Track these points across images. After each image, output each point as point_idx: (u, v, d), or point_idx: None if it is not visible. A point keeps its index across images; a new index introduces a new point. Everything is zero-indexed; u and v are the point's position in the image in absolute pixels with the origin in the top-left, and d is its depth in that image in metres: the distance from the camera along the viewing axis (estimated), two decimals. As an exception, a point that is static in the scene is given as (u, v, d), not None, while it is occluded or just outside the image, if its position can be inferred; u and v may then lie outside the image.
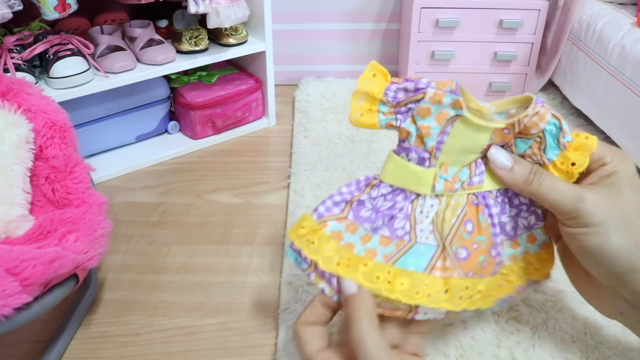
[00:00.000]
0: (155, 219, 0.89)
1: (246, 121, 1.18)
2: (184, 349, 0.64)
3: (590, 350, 0.60)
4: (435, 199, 0.48)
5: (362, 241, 0.48)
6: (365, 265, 0.46)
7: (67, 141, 0.69)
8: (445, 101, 0.45)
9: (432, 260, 0.48)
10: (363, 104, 0.48)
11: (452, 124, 0.46)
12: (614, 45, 1.03)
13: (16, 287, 0.49)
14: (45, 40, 0.92)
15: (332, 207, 0.48)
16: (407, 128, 0.46)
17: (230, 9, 0.99)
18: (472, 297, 0.47)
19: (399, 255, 0.47)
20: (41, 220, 0.64)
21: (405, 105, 0.47)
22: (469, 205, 0.48)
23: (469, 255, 0.47)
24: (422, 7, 1.17)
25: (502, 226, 0.50)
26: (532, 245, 0.51)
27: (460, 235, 0.47)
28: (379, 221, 0.48)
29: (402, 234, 0.48)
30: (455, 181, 0.47)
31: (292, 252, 0.50)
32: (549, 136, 0.46)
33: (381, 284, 0.46)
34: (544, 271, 0.52)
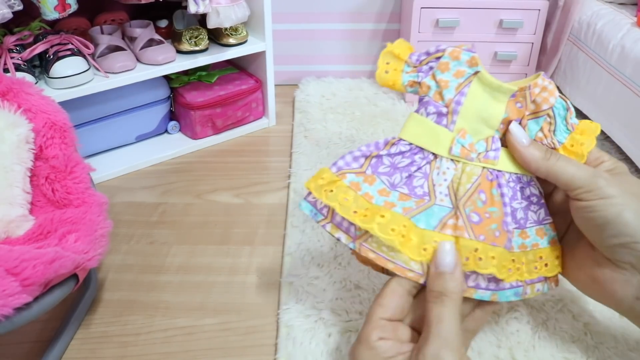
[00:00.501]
0: (155, 219, 0.89)
1: (246, 121, 1.18)
2: (184, 349, 0.64)
3: (590, 350, 0.60)
4: (451, 162, 0.49)
5: (379, 193, 0.48)
6: (382, 216, 0.46)
7: (67, 141, 0.69)
8: (462, 57, 0.50)
9: (443, 218, 0.48)
10: (389, 64, 0.52)
11: (469, 85, 0.49)
12: (614, 45, 1.03)
13: (16, 287, 0.49)
14: (45, 40, 0.92)
15: (352, 161, 0.49)
16: (428, 83, 0.50)
17: (230, 9, 0.99)
18: (483, 261, 0.46)
19: (418, 212, 0.48)
20: (41, 220, 0.64)
21: (427, 64, 0.51)
22: (483, 178, 0.49)
23: (480, 220, 0.47)
24: (422, 7, 1.17)
25: (513, 212, 0.50)
26: (542, 240, 0.51)
27: (473, 200, 0.48)
28: (396, 177, 0.49)
29: (421, 193, 0.49)
30: (472, 150, 0.49)
31: (306, 204, 0.51)
32: (558, 117, 0.49)
33: (395, 237, 0.45)
34: (555, 270, 0.52)
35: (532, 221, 0.51)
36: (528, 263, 0.50)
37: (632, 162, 1.00)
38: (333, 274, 0.72)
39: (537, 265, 0.50)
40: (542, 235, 0.51)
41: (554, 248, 0.52)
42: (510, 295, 0.49)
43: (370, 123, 1.15)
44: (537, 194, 0.51)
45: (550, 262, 0.51)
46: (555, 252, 0.52)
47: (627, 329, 0.63)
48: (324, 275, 0.72)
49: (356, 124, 1.15)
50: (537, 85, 0.49)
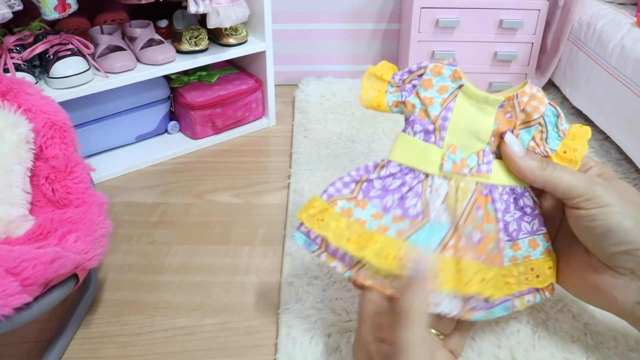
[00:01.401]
0: (155, 219, 0.89)
1: (246, 121, 1.18)
2: (184, 349, 0.64)
3: (590, 350, 0.60)
4: (443, 180, 0.48)
5: (373, 217, 0.48)
6: (375, 242, 0.45)
7: (67, 141, 0.69)
8: (444, 72, 0.49)
9: (444, 239, 0.47)
10: (373, 86, 0.51)
11: (454, 99, 0.48)
12: (614, 45, 1.03)
13: (16, 287, 0.49)
14: (45, 40, 0.92)
15: (342, 188, 0.49)
16: (412, 101, 0.49)
17: (230, 9, 0.99)
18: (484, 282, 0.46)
19: (412, 232, 0.47)
20: (41, 220, 0.64)
21: (410, 82, 0.50)
22: (478, 193, 0.48)
23: (481, 239, 0.47)
24: (422, 7, 1.17)
25: (505, 225, 0.49)
26: (534, 251, 0.50)
27: (473, 217, 0.47)
28: (388, 199, 0.48)
29: (414, 213, 0.48)
30: (463, 165, 0.48)
31: (300, 234, 0.50)
32: (549, 124, 0.49)
33: (391, 262, 0.45)
34: (547, 280, 0.51)
35: (525, 232, 0.50)
36: (519, 275, 0.49)
37: (632, 162, 1.00)
38: (333, 274, 0.72)
39: (528, 277, 0.50)
40: (535, 246, 0.51)
41: (547, 259, 0.51)
42: (500, 310, 0.49)
43: (370, 123, 1.15)
44: (531, 205, 0.50)
45: (542, 273, 0.51)
46: (548, 262, 0.51)
47: (627, 329, 0.63)
48: (324, 275, 0.72)
49: (356, 124, 1.15)
50: (525, 94, 0.48)
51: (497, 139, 0.49)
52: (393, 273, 0.45)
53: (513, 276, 0.49)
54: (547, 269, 0.51)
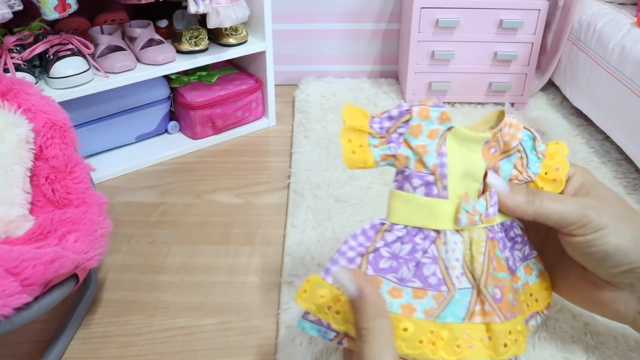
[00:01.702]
0: (155, 219, 0.89)
1: (246, 121, 1.18)
2: (184, 349, 0.64)
3: (590, 350, 0.60)
4: (456, 234, 0.43)
5: (391, 295, 0.42)
6: (405, 329, 0.41)
7: (67, 141, 0.69)
8: (432, 115, 0.44)
9: (470, 305, 0.43)
10: (352, 141, 0.44)
11: (445, 142, 0.44)
12: (614, 45, 1.03)
13: (16, 287, 0.49)
14: (45, 40, 0.92)
15: (347, 264, 0.43)
16: (404, 153, 0.43)
17: (230, 9, 0.99)
18: (518, 341, 0.43)
19: (441, 310, 0.42)
20: (41, 220, 0.64)
21: (395, 131, 0.44)
22: (488, 241, 0.45)
23: (502, 295, 0.43)
24: (422, 7, 1.17)
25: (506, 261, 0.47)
26: (531, 277, 0.49)
27: (491, 273, 0.43)
28: (403, 270, 0.43)
29: (435, 283, 0.43)
30: (475, 213, 0.43)
31: (310, 325, 0.43)
32: (527, 149, 0.47)
33: (426, 348, 0.41)
34: (545, 302, 0.50)
35: (518, 260, 0.48)
36: (520, 304, 0.47)
37: (632, 162, 1.00)
38: (333, 274, 0.72)
39: (528, 303, 0.48)
40: (530, 271, 0.49)
41: (542, 280, 0.50)
42: None
43: (370, 123, 1.15)
44: (520, 233, 0.48)
45: (539, 296, 0.49)
46: (544, 284, 0.50)
47: (627, 329, 0.63)
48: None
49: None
50: (506, 125, 0.45)
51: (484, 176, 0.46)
52: (430, 357, 0.41)
53: None
54: (544, 290, 0.50)
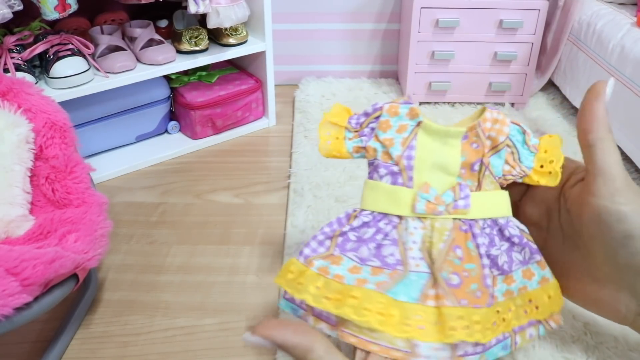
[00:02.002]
0: (155, 219, 0.89)
1: (246, 121, 1.18)
2: (184, 349, 0.64)
3: (590, 350, 0.60)
4: (418, 221, 0.46)
5: (350, 272, 0.45)
6: (354, 297, 0.43)
7: (67, 141, 0.69)
8: (401, 112, 0.48)
9: (424, 288, 0.45)
10: (330, 134, 0.50)
11: (416, 137, 0.47)
12: (614, 45, 1.03)
13: (16, 287, 0.49)
14: (45, 40, 0.92)
15: (318, 247, 0.47)
16: (373, 145, 0.48)
17: (230, 9, 0.99)
18: (470, 328, 0.43)
19: (393, 284, 0.44)
20: (41, 220, 0.64)
21: (368, 126, 0.49)
22: (457, 231, 0.46)
23: (461, 282, 0.45)
24: (422, 7, 1.17)
25: (493, 259, 0.47)
26: (530, 282, 0.48)
27: (450, 260, 0.45)
28: (363, 250, 0.46)
29: (393, 262, 0.46)
30: (438, 203, 0.46)
31: (286, 302, 0.48)
32: (517, 143, 0.47)
33: (372, 317, 0.42)
34: (547, 311, 0.48)
35: (517, 263, 0.48)
36: (517, 308, 0.47)
37: (632, 162, 1.00)
38: (333, 274, 0.72)
39: (526, 309, 0.47)
40: (530, 276, 0.48)
41: (545, 287, 0.48)
42: (497, 350, 0.46)
43: (370, 123, 1.15)
44: (518, 234, 0.48)
45: (540, 304, 0.47)
46: (547, 291, 0.48)
47: (627, 329, 0.63)
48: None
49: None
50: (487, 120, 0.47)
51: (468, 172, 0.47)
52: (375, 327, 0.42)
53: (510, 311, 0.46)
54: (547, 299, 0.48)
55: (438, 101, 1.29)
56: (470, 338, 0.43)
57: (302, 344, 0.39)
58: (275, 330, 0.39)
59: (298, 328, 0.40)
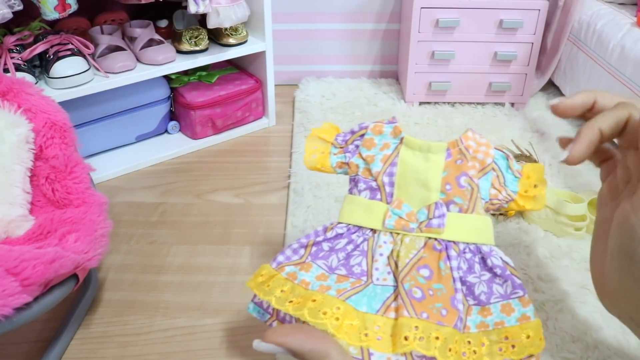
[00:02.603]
0: (155, 219, 0.89)
1: (246, 121, 1.18)
2: (184, 349, 0.64)
3: (590, 350, 0.60)
4: (389, 236, 0.47)
5: (317, 279, 0.46)
6: (313, 300, 0.43)
7: (67, 141, 0.69)
8: (385, 130, 0.50)
9: (387, 300, 0.45)
10: (316, 148, 0.52)
11: (398, 155, 0.49)
12: (614, 45, 1.03)
13: (16, 287, 0.49)
14: (45, 40, 0.92)
15: (292, 255, 0.48)
16: (355, 162, 0.50)
17: (230, 9, 0.99)
18: (426, 341, 0.41)
19: (352, 293, 0.44)
20: (41, 220, 0.64)
21: (352, 143, 0.51)
22: (429, 251, 0.46)
23: (423, 297, 0.44)
24: (422, 7, 1.17)
25: (469, 287, 0.46)
26: (508, 317, 0.45)
27: (412, 276, 0.45)
28: (333, 259, 0.47)
29: (358, 272, 0.47)
30: (410, 220, 0.47)
31: (253, 306, 0.49)
32: (502, 167, 0.48)
33: (328, 320, 0.42)
34: (524, 351, 0.44)
35: (497, 296, 0.46)
36: (491, 344, 0.44)
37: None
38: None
39: (501, 347, 0.44)
40: (509, 312, 0.45)
41: (525, 326, 0.44)
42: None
43: (370, 123, 1.15)
44: (501, 265, 0.46)
45: (518, 343, 0.44)
46: (525, 330, 0.44)
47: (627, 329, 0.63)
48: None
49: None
50: (469, 139, 0.48)
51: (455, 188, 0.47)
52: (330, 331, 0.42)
53: (483, 345, 0.44)
54: (525, 338, 0.44)
55: (438, 101, 1.29)
56: (425, 351, 0.41)
57: (317, 349, 0.38)
58: (288, 337, 0.38)
59: (311, 333, 0.40)
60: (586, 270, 0.73)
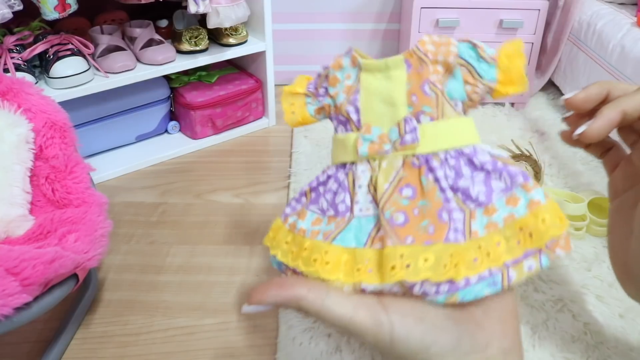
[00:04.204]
0: (155, 219, 0.89)
1: (246, 121, 1.18)
2: (184, 349, 0.64)
3: (591, 350, 0.60)
4: (365, 164, 0.45)
5: (312, 225, 0.46)
6: (305, 249, 0.43)
7: (67, 141, 0.69)
8: (344, 63, 0.47)
9: (371, 232, 0.43)
10: (293, 104, 0.51)
11: (359, 81, 0.46)
12: (614, 45, 1.03)
13: (16, 287, 0.49)
14: (45, 40, 0.92)
15: (296, 204, 0.47)
16: (327, 102, 0.49)
17: (230, 9, 0.99)
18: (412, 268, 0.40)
19: (337, 232, 0.43)
20: (41, 220, 0.64)
21: (322, 87, 0.49)
22: (408, 169, 0.44)
23: (407, 220, 0.42)
24: (422, 7, 1.17)
25: (464, 192, 0.43)
26: (516, 208, 0.42)
27: (394, 200, 0.43)
28: (323, 202, 0.46)
29: (343, 210, 0.45)
30: (384, 142, 0.44)
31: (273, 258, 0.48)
32: (470, 59, 0.45)
33: (319, 266, 0.42)
34: (544, 237, 0.41)
35: (498, 192, 0.43)
36: (507, 240, 0.41)
37: (632, 162, 1.00)
38: (333, 274, 0.72)
39: (519, 240, 0.41)
40: (515, 202, 0.42)
41: (536, 211, 0.41)
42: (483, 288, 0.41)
43: (370, 123, 1.15)
44: (489, 160, 0.43)
45: (534, 230, 0.41)
46: (539, 215, 0.41)
47: (627, 329, 0.63)
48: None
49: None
50: (426, 43, 0.45)
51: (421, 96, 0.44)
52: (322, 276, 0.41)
53: (499, 245, 0.41)
54: (541, 223, 0.41)
55: (438, 101, 1.29)
56: (414, 277, 0.39)
57: (290, 296, 0.39)
58: (264, 294, 0.39)
59: (281, 282, 0.41)
60: (586, 270, 0.73)
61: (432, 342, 0.39)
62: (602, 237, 0.79)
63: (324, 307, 0.39)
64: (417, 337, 0.39)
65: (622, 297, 0.68)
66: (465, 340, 0.40)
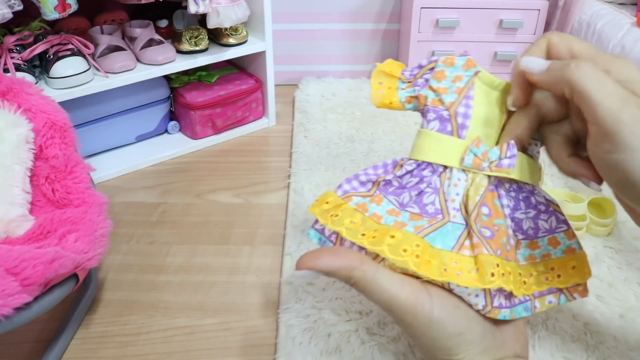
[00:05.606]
0: (155, 219, 0.89)
1: (246, 121, 1.18)
2: (184, 349, 0.64)
3: (590, 350, 0.60)
4: (462, 173, 0.45)
5: (389, 214, 0.45)
6: (392, 236, 0.42)
7: (67, 141, 0.69)
8: (457, 62, 0.47)
9: (460, 239, 0.44)
10: (383, 83, 0.49)
11: (473, 88, 0.46)
12: (614, 45, 1.03)
13: (16, 287, 0.49)
14: (45, 40, 0.92)
15: (359, 186, 0.47)
16: (424, 93, 0.47)
17: (230, 9, 0.99)
18: (506, 277, 0.42)
19: (430, 230, 0.44)
20: (41, 220, 0.64)
21: (422, 77, 0.48)
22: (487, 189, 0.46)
23: (492, 234, 0.44)
24: (422, 7, 1.17)
25: (517, 223, 0.47)
26: (555, 250, 0.47)
27: (479, 215, 0.45)
28: (405, 196, 0.46)
29: (432, 211, 0.45)
30: (484, 159, 0.45)
31: (314, 232, 0.47)
32: None
33: (409, 257, 0.42)
34: (569, 280, 0.47)
35: (543, 230, 0.47)
36: (538, 275, 0.46)
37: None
38: (333, 273, 0.72)
39: (548, 277, 0.47)
40: (556, 244, 0.47)
41: (570, 257, 0.47)
42: (521, 310, 0.46)
43: (370, 123, 1.15)
44: (544, 202, 0.47)
45: (563, 272, 0.47)
46: (571, 261, 0.47)
47: (627, 329, 0.63)
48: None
49: (356, 124, 1.15)
50: None
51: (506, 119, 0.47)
52: (411, 268, 0.42)
53: (532, 276, 0.46)
54: (570, 269, 0.47)
55: (438, 101, 1.29)
56: (507, 286, 0.42)
57: (344, 264, 0.40)
58: (317, 259, 0.40)
59: (334, 250, 0.42)
60: (586, 270, 0.73)
61: (465, 329, 0.42)
62: (602, 237, 0.79)
63: (375, 280, 0.41)
64: (453, 321, 0.42)
65: (622, 297, 0.68)
66: (489, 336, 0.43)
